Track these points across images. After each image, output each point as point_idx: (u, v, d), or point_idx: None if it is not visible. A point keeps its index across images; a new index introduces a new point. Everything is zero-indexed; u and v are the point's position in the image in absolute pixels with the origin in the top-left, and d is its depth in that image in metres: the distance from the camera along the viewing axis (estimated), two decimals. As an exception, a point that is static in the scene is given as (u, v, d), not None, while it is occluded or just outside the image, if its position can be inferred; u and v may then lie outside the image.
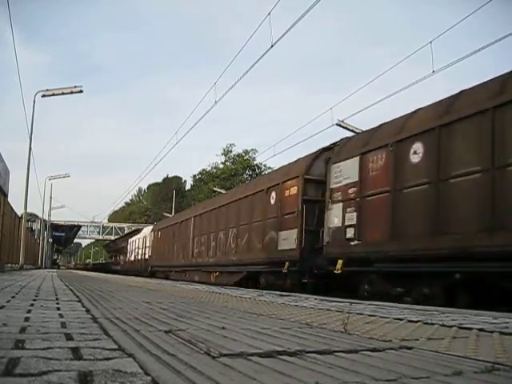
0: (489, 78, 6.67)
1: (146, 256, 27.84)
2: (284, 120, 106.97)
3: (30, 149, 20.86)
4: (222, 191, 41.44)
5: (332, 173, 9.27)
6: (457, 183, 6.51)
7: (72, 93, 19.81)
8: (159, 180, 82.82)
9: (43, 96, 19.84)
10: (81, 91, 19.79)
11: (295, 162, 11.73)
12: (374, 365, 1.48)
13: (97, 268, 46.36)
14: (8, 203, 16.32)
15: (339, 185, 9.00)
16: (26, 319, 2.46)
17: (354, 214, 8.49)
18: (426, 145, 7.08)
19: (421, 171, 7.14)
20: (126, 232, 63.99)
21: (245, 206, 13.42)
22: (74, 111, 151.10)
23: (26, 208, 21.09)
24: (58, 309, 3.14)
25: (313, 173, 10.49)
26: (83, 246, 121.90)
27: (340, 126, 21.55)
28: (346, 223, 8.65)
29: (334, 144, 10.25)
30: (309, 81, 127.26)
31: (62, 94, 19.88)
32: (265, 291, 8.42)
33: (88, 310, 3.08)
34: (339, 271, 8.57)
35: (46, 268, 36.59)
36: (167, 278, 20.54)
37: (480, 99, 6.40)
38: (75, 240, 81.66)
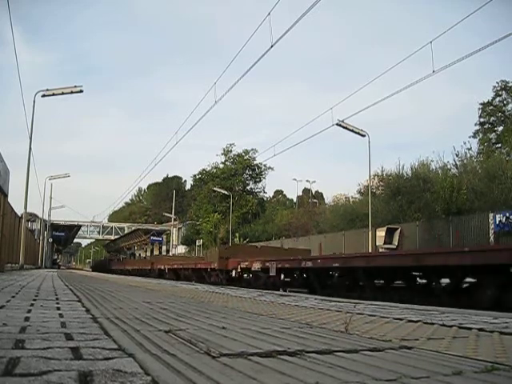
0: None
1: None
2: (284, 120, 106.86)
3: (30, 149, 20.88)
4: (222, 191, 41.49)
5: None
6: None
7: (72, 92, 19.81)
8: (159, 180, 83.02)
9: (43, 96, 19.84)
10: (81, 91, 19.80)
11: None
12: (374, 364, 1.48)
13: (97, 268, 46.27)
14: (8, 203, 16.30)
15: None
16: (26, 319, 2.45)
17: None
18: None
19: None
20: (126, 232, 64.06)
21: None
22: (73, 111, 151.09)
23: (26, 208, 21.09)
24: (58, 309, 3.13)
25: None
26: (83, 245, 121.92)
27: (340, 125, 21.59)
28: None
29: None
30: (309, 81, 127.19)
31: (62, 93, 19.88)
32: (265, 291, 8.41)
33: (88, 310, 3.08)
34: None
35: (46, 268, 36.56)
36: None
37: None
38: (75, 240, 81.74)
